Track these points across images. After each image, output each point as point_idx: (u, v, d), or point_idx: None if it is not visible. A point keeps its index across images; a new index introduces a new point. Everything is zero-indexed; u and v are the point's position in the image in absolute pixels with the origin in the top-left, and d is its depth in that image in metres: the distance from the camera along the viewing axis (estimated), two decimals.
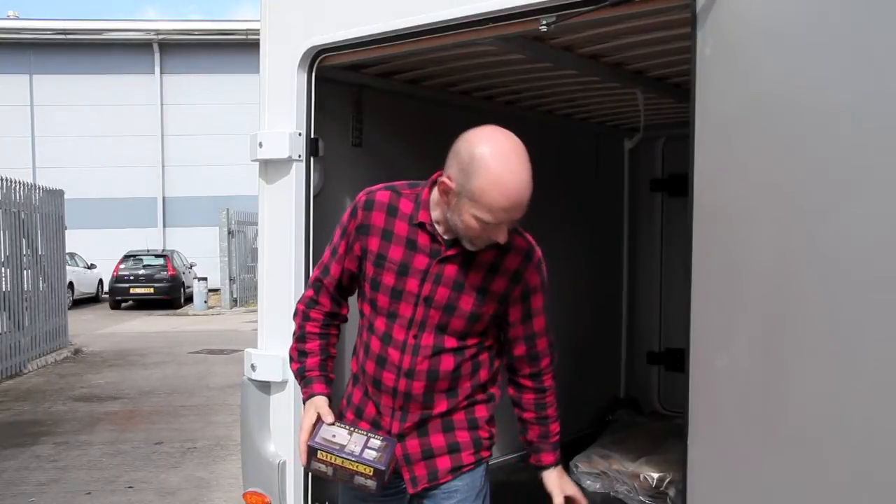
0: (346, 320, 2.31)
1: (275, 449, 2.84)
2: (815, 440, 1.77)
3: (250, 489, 2.90)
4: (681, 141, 2.20)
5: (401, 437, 2.12)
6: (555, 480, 2.26)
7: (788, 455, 1.81)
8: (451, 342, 2.09)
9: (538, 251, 2.15)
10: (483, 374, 2.17)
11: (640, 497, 3.48)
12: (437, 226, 2.06)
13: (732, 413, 1.91)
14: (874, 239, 1.68)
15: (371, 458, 1.98)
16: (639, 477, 3.50)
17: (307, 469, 2.08)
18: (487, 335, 2.16)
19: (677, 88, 3.54)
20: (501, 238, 1.96)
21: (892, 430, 1.65)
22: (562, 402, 4.34)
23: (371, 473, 1.97)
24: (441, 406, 2.12)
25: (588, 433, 4.22)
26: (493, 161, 1.89)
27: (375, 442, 2.03)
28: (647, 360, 4.95)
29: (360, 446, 2.01)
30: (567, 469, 3.77)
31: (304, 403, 2.16)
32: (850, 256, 1.71)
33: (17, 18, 26.25)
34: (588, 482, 3.65)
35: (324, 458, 2.00)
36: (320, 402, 2.11)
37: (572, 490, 2.27)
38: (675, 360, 4.38)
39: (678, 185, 4.17)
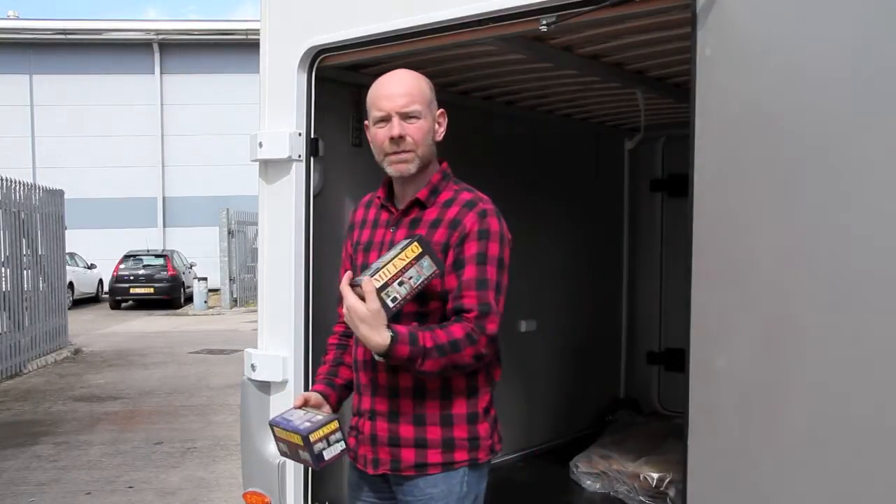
0: None
1: (275, 449, 2.84)
2: (814, 440, 1.77)
3: (250, 489, 2.90)
4: (681, 141, 2.20)
5: (372, 415, 2.15)
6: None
7: (788, 455, 1.81)
8: (409, 306, 2.03)
9: (485, 204, 2.11)
10: None
11: (640, 497, 3.48)
12: (394, 200, 2.23)
13: (732, 413, 1.91)
14: (874, 239, 1.68)
15: (303, 428, 2.01)
16: (639, 477, 3.50)
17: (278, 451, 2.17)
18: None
19: (677, 88, 3.53)
20: (395, 130, 2.08)
21: (892, 429, 1.65)
22: (562, 402, 4.35)
23: (301, 442, 2.00)
24: (406, 379, 2.07)
25: (588, 433, 4.22)
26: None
27: (317, 417, 2.07)
28: (647, 360, 4.94)
29: (301, 420, 2.06)
30: (567, 469, 3.79)
31: None
32: (850, 256, 1.71)
33: (17, 18, 26.25)
34: (588, 482, 3.65)
35: (279, 436, 2.10)
36: (301, 394, 2.23)
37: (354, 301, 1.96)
38: (675, 360, 4.37)
39: (678, 185, 4.17)
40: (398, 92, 2.10)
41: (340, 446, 2.04)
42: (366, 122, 2.20)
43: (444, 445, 2.11)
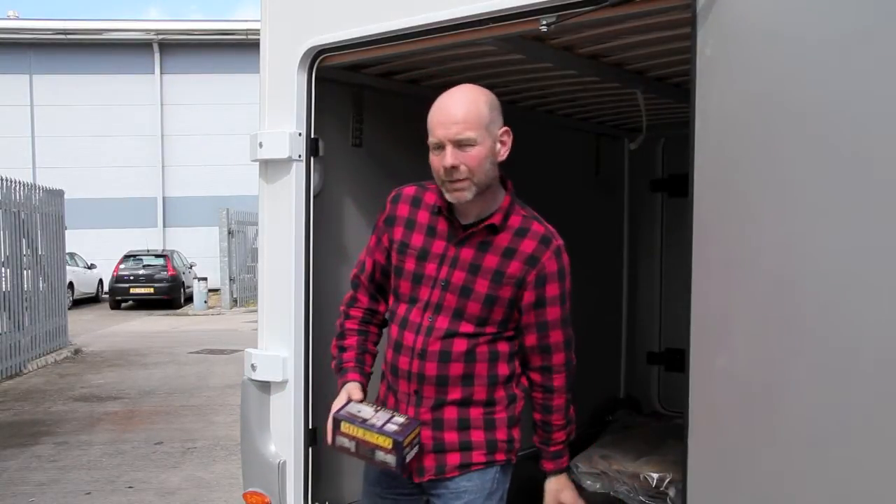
0: (385, 322, 2.33)
1: (275, 449, 2.84)
2: (814, 440, 1.77)
3: (250, 489, 2.90)
4: (681, 141, 2.20)
5: None
6: (551, 489, 2.26)
7: (788, 455, 1.81)
8: (466, 327, 2.11)
9: (558, 240, 2.17)
10: (502, 368, 2.16)
11: (640, 497, 3.48)
12: (453, 210, 2.17)
13: (732, 413, 1.91)
14: (874, 239, 1.68)
15: (391, 431, 2.01)
16: (639, 477, 3.50)
17: (332, 444, 2.12)
18: (507, 326, 2.15)
19: (677, 88, 3.53)
20: (448, 160, 2.03)
21: (891, 429, 1.65)
22: None
23: (390, 446, 1.99)
24: (455, 392, 2.12)
25: (588, 433, 4.21)
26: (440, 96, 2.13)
27: (399, 419, 2.07)
28: (647, 360, 4.94)
29: (383, 421, 2.05)
30: (567, 469, 3.78)
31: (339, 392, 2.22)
32: (850, 256, 1.71)
33: (17, 18, 26.24)
34: (588, 482, 3.65)
35: (347, 432, 2.06)
36: (352, 386, 2.19)
37: (569, 499, 2.27)
38: (675, 360, 4.37)
39: (678, 185, 4.16)
40: (452, 119, 2.04)
41: (416, 449, 2.08)
42: (428, 140, 2.14)
43: (488, 446, 2.17)
